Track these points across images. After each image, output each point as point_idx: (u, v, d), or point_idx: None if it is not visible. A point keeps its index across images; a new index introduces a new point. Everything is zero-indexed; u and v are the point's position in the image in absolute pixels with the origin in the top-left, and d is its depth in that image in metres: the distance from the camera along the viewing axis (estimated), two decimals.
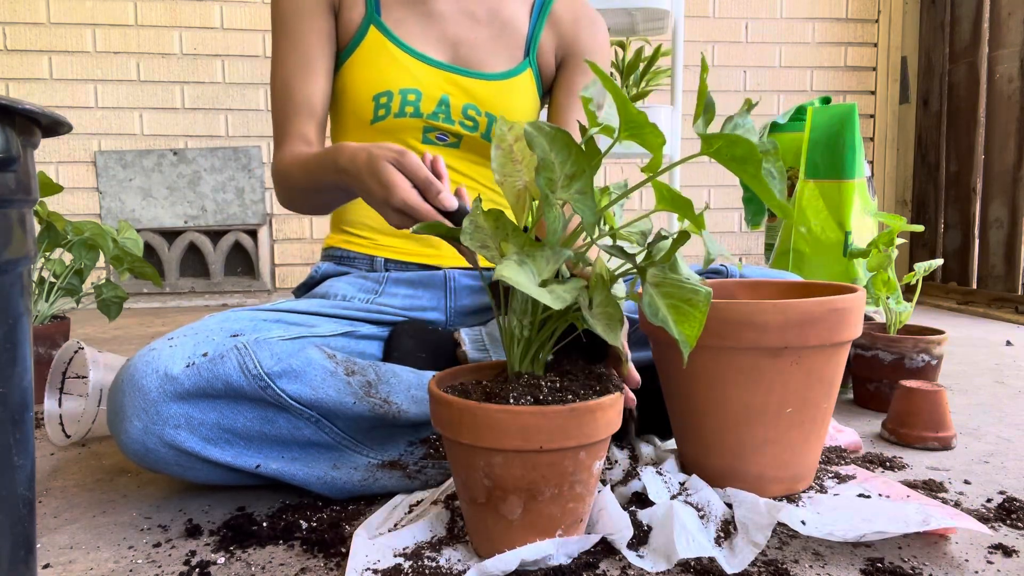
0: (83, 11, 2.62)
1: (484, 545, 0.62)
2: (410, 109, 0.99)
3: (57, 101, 2.64)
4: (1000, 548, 0.67)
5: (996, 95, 2.49)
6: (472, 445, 0.58)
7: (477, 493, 0.60)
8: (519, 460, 0.57)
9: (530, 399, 0.59)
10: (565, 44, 1.07)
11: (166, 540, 0.71)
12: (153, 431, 0.71)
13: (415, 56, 1.00)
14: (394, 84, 0.98)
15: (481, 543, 0.62)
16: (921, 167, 2.94)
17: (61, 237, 1.33)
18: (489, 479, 0.58)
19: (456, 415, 0.58)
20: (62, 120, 0.46)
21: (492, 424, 0.56)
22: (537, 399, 0.59)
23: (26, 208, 0.46)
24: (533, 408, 0.57)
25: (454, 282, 1.03)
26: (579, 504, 0.61)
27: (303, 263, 2.84)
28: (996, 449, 0.98)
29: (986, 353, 1.69)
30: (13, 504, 0.44)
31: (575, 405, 0.57)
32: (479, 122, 1.02)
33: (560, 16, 1.07)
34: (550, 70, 1.08)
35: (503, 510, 0.59)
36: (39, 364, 1.21)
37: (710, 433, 0.76)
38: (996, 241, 2.49)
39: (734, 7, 2.90)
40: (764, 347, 0.70)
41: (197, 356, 0.73)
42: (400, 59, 0.99)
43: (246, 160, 2.75)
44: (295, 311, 0.92)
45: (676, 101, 1.95)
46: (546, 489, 0.58)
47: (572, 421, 0.57)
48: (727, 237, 3.01)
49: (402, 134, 1.01)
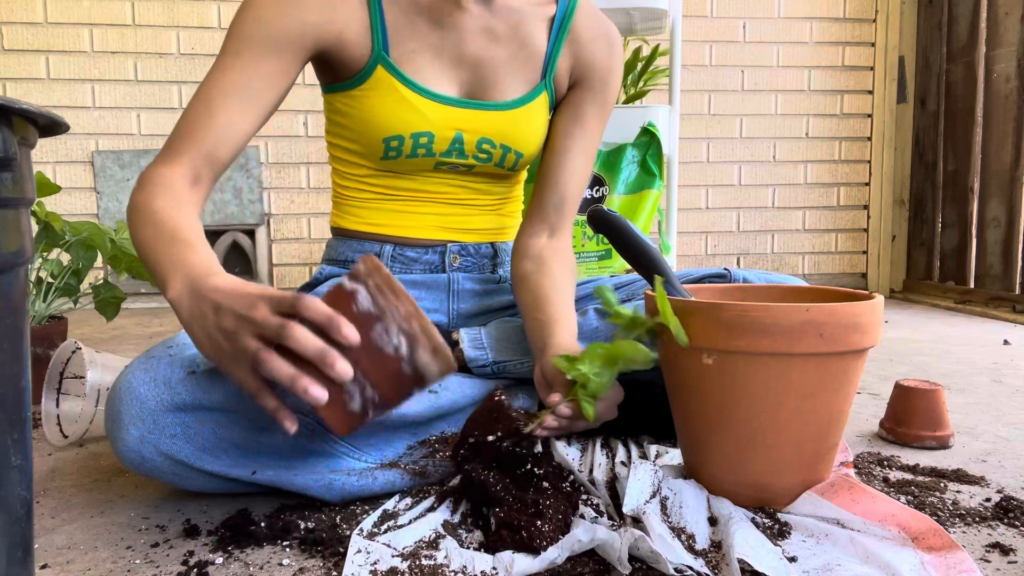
0: (80, 11, 2.62)
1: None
2: (422, 151, 0.95)
3: (54, 101, 2.63)
4: (998, 547, 0.68)
5: (993, 94, 2.50)
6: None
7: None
8: None
9: None
10: (580, 65, 1.00)
11: (164, 540, 0.71)
12: (149, 440, 0.70)
13: (426, 96, 0.93)
14: (405, 129, 0.92)
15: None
16: (919, 166, 2.94)
17: (59, 237, 1.33)
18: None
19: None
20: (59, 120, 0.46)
21: None
22: None
23: (23, 208, 0.46)
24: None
25: (457, 285, 1.03)
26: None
27: (301, 263, 2.84)
28: (994, 448, 0.98)
29: (983, 352, 1.70)
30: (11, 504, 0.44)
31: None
32: (493, 154, 0.99)
33: (578, 35, 0.99)
34: (563, 89, 1.02)
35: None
36: (36, 364, 1.21)
37: (728, 441, 0.74)
38: (993, 240, 2.50)
39: (732, 7, 2.90)
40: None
41: (196, 366, 0.73)
42: (410, 100, 0.92)
43: (243, 160, 2.75)
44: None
45: (674, 101, 1.95)
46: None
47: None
48: (725, 237, 3.01)
49: (412, 170, 0.98)
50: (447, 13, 0.92)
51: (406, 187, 0.99)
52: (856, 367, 0.73)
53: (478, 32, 0.94)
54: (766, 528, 0.69)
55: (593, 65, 1.00)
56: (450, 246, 1.02)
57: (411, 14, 0.91)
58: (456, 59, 0.94)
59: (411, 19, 0.91)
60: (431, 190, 1.00)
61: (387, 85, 0.91)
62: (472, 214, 1.03)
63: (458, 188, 1.01)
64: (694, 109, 2.92)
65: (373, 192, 0.98)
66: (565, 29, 0.99)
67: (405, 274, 1.01)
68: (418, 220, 1.01)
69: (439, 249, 1.02)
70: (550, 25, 0.99)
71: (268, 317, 0.59)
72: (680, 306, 0.72)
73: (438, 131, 0.94)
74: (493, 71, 0.96)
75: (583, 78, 1.01)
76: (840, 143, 3.01)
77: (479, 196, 1.03)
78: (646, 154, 1.78)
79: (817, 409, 0.71)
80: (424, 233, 1.01)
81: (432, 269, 1.03)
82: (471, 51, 0.94)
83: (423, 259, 1.02)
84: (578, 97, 1.01)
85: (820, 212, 3.04)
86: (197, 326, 0.65)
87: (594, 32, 1.00)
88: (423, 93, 0.92)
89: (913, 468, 0.89)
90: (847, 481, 0.75)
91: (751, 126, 2.97)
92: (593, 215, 0.87)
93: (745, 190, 3.00)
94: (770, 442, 0.71)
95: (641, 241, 0.83)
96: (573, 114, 1.01)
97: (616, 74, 1.02)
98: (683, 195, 2.93)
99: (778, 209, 3.02)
